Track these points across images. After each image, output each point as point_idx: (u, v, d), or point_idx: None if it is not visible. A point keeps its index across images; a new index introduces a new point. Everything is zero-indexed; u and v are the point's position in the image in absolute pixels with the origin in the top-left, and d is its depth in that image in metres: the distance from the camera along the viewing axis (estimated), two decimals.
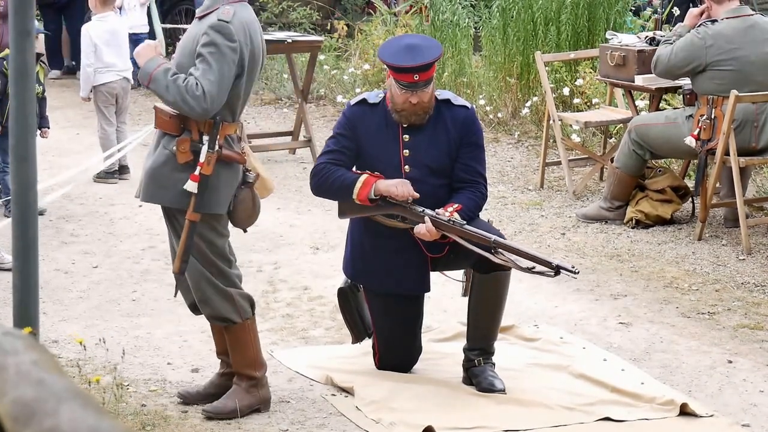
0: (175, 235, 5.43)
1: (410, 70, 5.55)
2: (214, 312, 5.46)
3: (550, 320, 6.75)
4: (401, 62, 5.57)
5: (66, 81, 14.60)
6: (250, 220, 5.51)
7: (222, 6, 5.34)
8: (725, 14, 8.25)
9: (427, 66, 5.57)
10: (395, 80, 5.63)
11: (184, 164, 5.31)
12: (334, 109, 12.54)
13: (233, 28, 5.27)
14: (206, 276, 5.41)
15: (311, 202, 8.91)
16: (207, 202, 5.32)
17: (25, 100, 4.36)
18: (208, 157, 5.29)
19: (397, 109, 5.69)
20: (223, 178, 5.35)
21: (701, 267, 7.65)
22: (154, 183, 5.38)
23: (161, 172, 5.35)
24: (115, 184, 9.85)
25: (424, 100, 5.64)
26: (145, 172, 5.43)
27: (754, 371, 6.02)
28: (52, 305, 6.94)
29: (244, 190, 5.45)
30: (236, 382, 5.54)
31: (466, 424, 5.35)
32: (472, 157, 5.76)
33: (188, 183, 5.28)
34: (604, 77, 9.41)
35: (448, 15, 11.79)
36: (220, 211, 5.39)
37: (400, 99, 5.65)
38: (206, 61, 5.24)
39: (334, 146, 5.77)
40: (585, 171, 9.84)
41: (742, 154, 8.06)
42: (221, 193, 5.36)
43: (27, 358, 2.13)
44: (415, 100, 5.62)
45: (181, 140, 5.33)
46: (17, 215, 4.39)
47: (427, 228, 5.53)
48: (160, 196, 5.39)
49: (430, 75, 5.61)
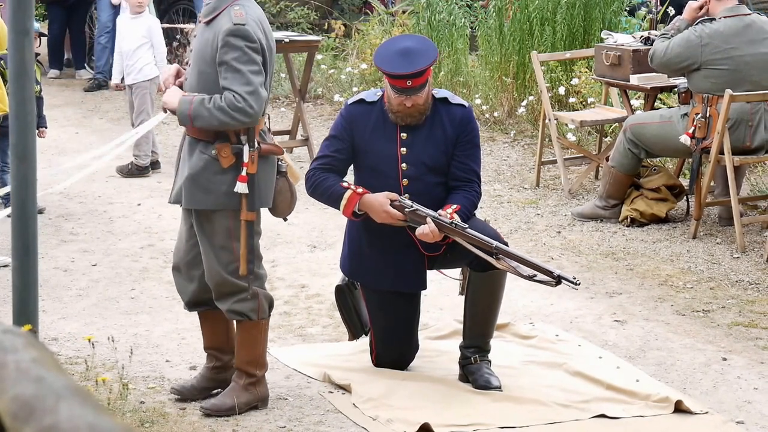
0: (205, 236, 5.44)
1: (403, 77, 5.59)
2: (236, 307, 5.49)
3: (546, 318, 6.78)
4: (394, 70, 5.59)
5: (65, 80, 14.60)
6: (290, 208, 5.62)
7: (229, 7, 5.37)
8: (723, 12, 8.27)
9: (420, 73, 5.59)
10: (389, 84, 5.67)
11: (227, 167, 5.37)
12: (331, 108, 12.56)
13: (250, 29, 5.31)
14: (220, 270, 5.44)
15: (308, 200, 8.88)
16: (257, 199, 5.41)
17: (25, 100, 4.39)
18: (251, 156, 5.35)
19: (393, 110, 5.73)
20: (263, 173, 5.44)
21: (696, 265, 7.68)
22: (197, 188, 5.40)
23: (203, 177, 5.39)
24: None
25: (419, 102, 5.66)
26: (185, 179, 5.42)
27: (748, 368, 6.05)
28: (51, 303, 6.96)
29: (281, 180, 5.56)
30: (235, 379, 5.56)
31: (463, 421, 5.38)
32: (468, 156, 5.79)
33: (238, 185, 5.34)
34: (599, 77, 9.44)
35: (444, 15, 11.81)
36: (268, 205, 5.50)
37: (395, 101, 5.69)
38: (233, 68, 5.27)
39: (327, 150, 5.83)
40: (580, 170, 9.87)
41: (737, 153, 8.08)
42: (264, 187, 5.46)
43: (26, 355, 2.14)
44: (410, 104, 5.66)
45: (221, 146, 5.37)
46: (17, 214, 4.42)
47: (431, 229, 5.56)
48: (205, 201, 5.42)
49: (424, 79, 5.63)
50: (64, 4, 14.55)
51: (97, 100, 13.52)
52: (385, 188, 5.72)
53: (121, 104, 13.22)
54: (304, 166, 10.23)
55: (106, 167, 9.75)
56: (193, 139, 5.45)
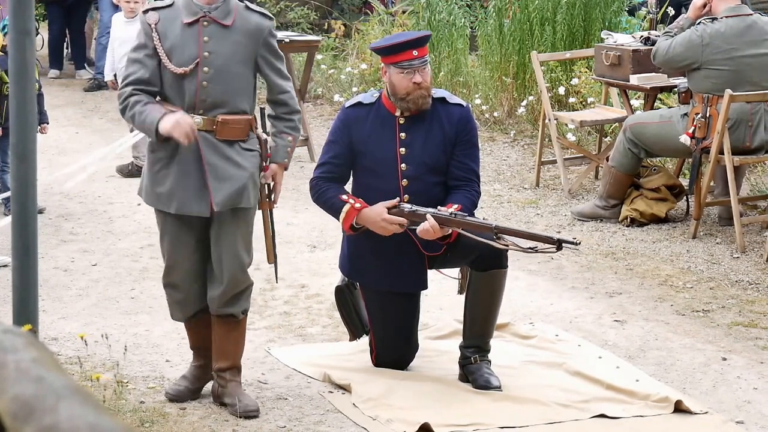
0: (237, 236, 5.48)
1: (407, 46, 5.65)
2: (246, 305, 5.58)
3: (546, 318, 6.78)
4: (397, 39, 5.73)
5: (65, 80, 14.61)
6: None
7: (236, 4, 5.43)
8: (725, 12, 8.27)
9: (423, 40, 5.71)
10: (394, 65, 5.68)
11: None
12: (331, 108, 12.56)
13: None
14: (246, 268, 5.52)
15: (308, 200, 8.88)
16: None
17: (25, 100, 4.40)
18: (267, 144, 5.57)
19: (402, 96, 5.72)
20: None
21: (696, 265, 7.68)
22: (254, 187, 5.48)
23: (257, 174, 5.49)
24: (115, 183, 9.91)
25: (427, 79, 5.71)
26: (247, 179, 5.42)
27: (748, 368, 6.05)
28: (51, 303, 6.96)
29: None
30: (235, 378, 5.56)
31: (462, 421, 5.38)
32: (467, 155, 5.80)
33: (264, 175, 5.52)
34: (599, 77, 9.44)
35: (444, 15, 11.82)
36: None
37: (403, 84, 5.70)
38: (281, 71, 5.55)
39: (326, 157, 5.85)
40: (580, 170, 9.87)
41: (737, 153, 8.08)
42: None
43: (26, 355, 2.14)
44: (419, 79, 5.68)
45: (257, 139, 5.51)
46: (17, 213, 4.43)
47: (431, 225, 5.56)
48: (255, 197, 5.51)
49: (426, 54, 5.72)
50: (62, 3, 14.55)
51: (97, 100, 13.52)
52: (384, 189, 5.73)
53: None
54: (305, 166, 10.25)
55: (107, 167, 9.77)
56: (222, 142, 5.42)
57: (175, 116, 5.27)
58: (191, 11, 5.39)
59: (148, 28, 5.40)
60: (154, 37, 5.37)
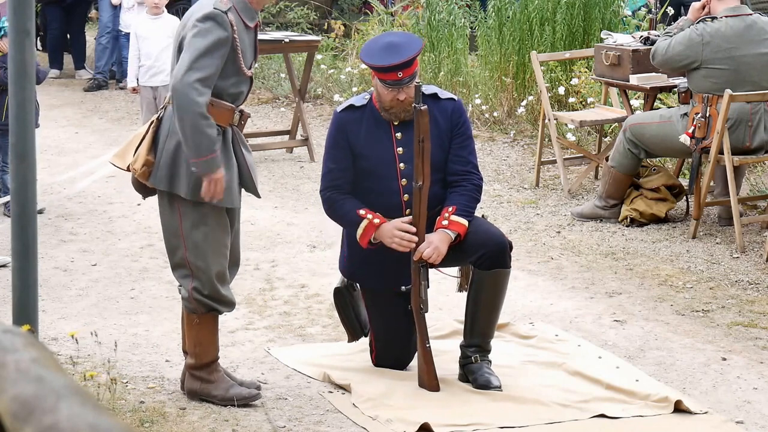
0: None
1: (393, 69, 5.60)
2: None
3: (545, 318, 6.78)
4: (383, 62, 5.60)
5: (65, 80, 14.61)
6: None
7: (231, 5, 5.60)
8: (724, 12, 8.27)
9: (410, 62, 5.62)
10: (380, 80, 5.67)
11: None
12: (330, 108, 12.55)
13: None
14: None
15: (308, 200, 8.93)
16: None
17: (25, 100, 4.40)
18: None
19: (386, 108, 5.73)
20: None
21: (695, 265, 7.68)
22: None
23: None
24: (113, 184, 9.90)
25: (411, 95, 5.68)
26: (255, 171, 5.63)
27: (747, 368, 6.05)
28: (51, 303, 6.96)
29: None
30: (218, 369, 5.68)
31: (462, 421, 5.38)
32: (462, 148, 5.81)
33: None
34: (599, 77, 9.44)
35: (444, 15, 11.82)
36: None
37: (387, 98, 5.69)
38: None
39: (331, 164, 5.80)
40: (580, 170, 9.87)
41: (736, 153, 8.08)
42: None
43: (26, 355, 2.14)
44: (403, 97, 5.67)
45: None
46: (17, 214, 4.43)
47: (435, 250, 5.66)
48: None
49: (413, 70, 5.66)
50: (61, 4, 14.56)
51: (96, 100, 13.53)
52: (384, 190, 5.74)
53: (121, 104, 13.23)
54: (305, 166, 10.26)
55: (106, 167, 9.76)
56: (241, 134, 5.66)
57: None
58: None
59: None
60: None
